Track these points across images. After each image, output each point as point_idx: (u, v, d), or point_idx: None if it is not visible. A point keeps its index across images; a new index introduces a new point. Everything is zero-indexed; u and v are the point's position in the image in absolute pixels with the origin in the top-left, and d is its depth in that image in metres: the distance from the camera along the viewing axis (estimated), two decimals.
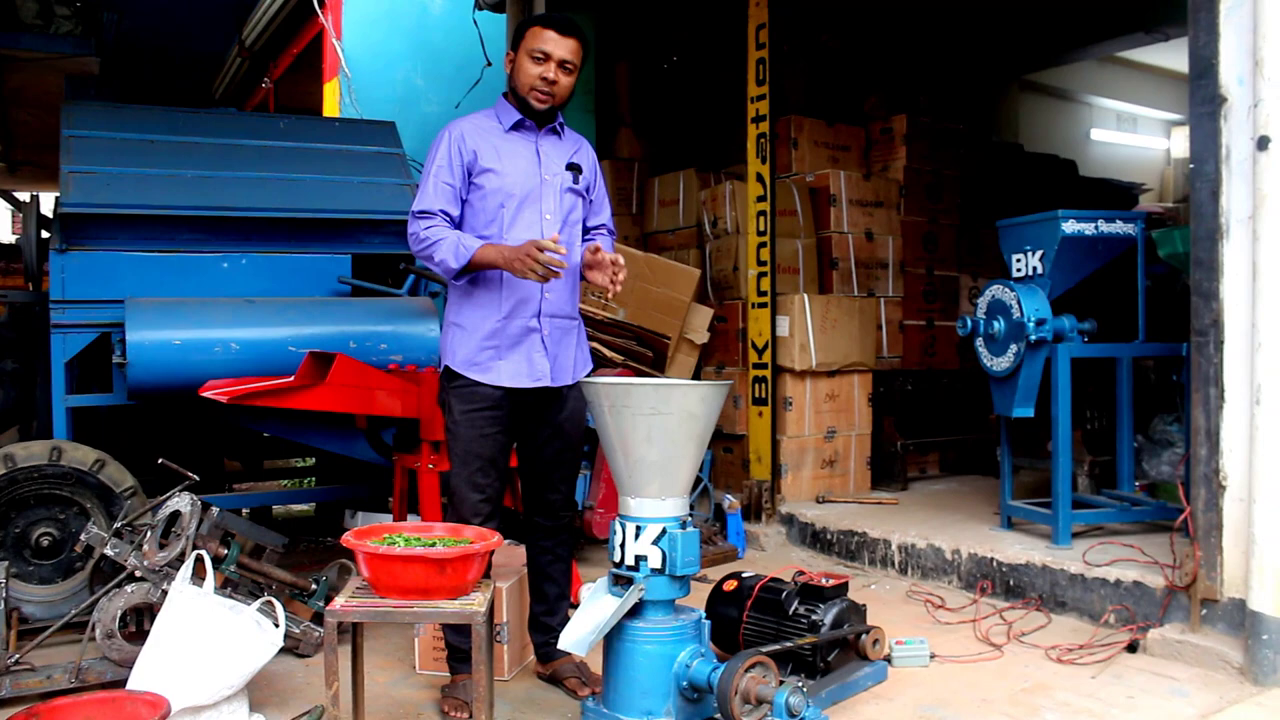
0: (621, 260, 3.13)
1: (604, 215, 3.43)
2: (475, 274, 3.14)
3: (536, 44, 3.13)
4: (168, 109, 5.14)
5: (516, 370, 3.15)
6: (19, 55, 7.58)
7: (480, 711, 2.62)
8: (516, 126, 3.21)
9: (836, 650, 3.26)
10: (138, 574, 3.34)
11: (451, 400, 3.19)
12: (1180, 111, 11.56)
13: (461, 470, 3.17)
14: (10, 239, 21.08)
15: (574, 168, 3.27)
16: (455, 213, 3.15)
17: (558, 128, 3.29)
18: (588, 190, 3.34)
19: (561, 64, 3.14)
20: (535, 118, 3.21)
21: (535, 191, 3.18)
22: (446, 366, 3.21)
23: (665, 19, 7.74)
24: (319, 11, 8.17)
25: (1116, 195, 9.00)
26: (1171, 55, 9.73)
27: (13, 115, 9.77)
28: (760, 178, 5.66)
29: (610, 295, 3.15)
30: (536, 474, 3.37)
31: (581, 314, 4.98)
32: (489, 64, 7.39)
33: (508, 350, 3.15)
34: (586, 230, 3.37)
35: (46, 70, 8.27)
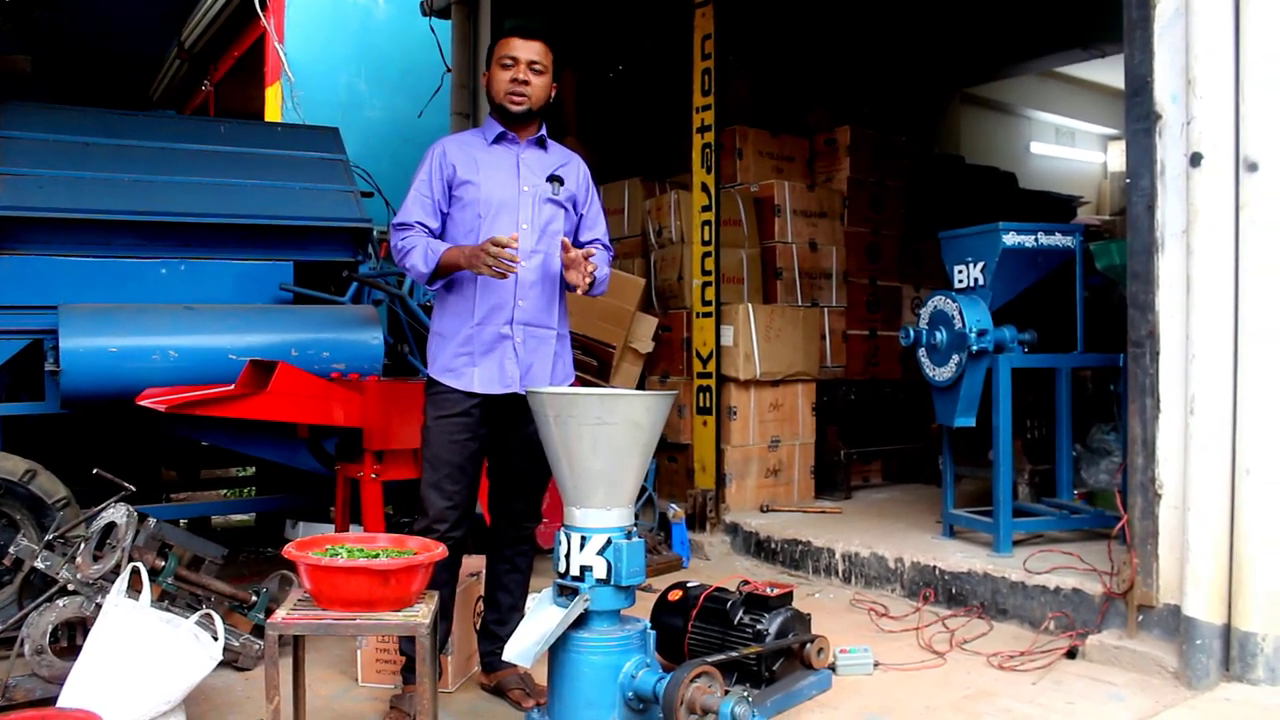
0: (594, 252, 3.22)
1: (598, 230, 3.47)
2: (450, 282, 3.23)
3: (504, 52, 3.27)
4: (105, 111, 5.04)
5: (488, 376, 3.20)
6: None
7: None
8: (499, 139, 3.30)
9: (781, 659, 3.27)
10: (70, 587, 3.27)
11: (427, 406, 3.26)
12: (1117, 126, 11.81)
13: (430, 475, 3.20)
14: None
15: (555, 179, 3.33)
16: (433, 224, 3.25)
17: (543, 140, 3.36)
18: (575, 204, 3.39)
19: (530, 65, 3.26)
20: (515, 125, 3.29)
21: (512, 201, 3.24)
22: (427, 374, 3.29)
23: (611, 28, 7.75)
24: (261, 14, 8.06)
25: (1056, 207, 9.16)
26: (1108, 71, 9.93)
27: None
28: (705, 187, 5.68)
29: (583, 289, 3.16)
30: (502, 482, 3.41)
31: None
32: (449, 69, 7.36)
33: (481, 356, 3.20)
34: (579, 245, 3.36)
35: None
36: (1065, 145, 12.71)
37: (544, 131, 3.37)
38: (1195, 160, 3.30)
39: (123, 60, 10.15)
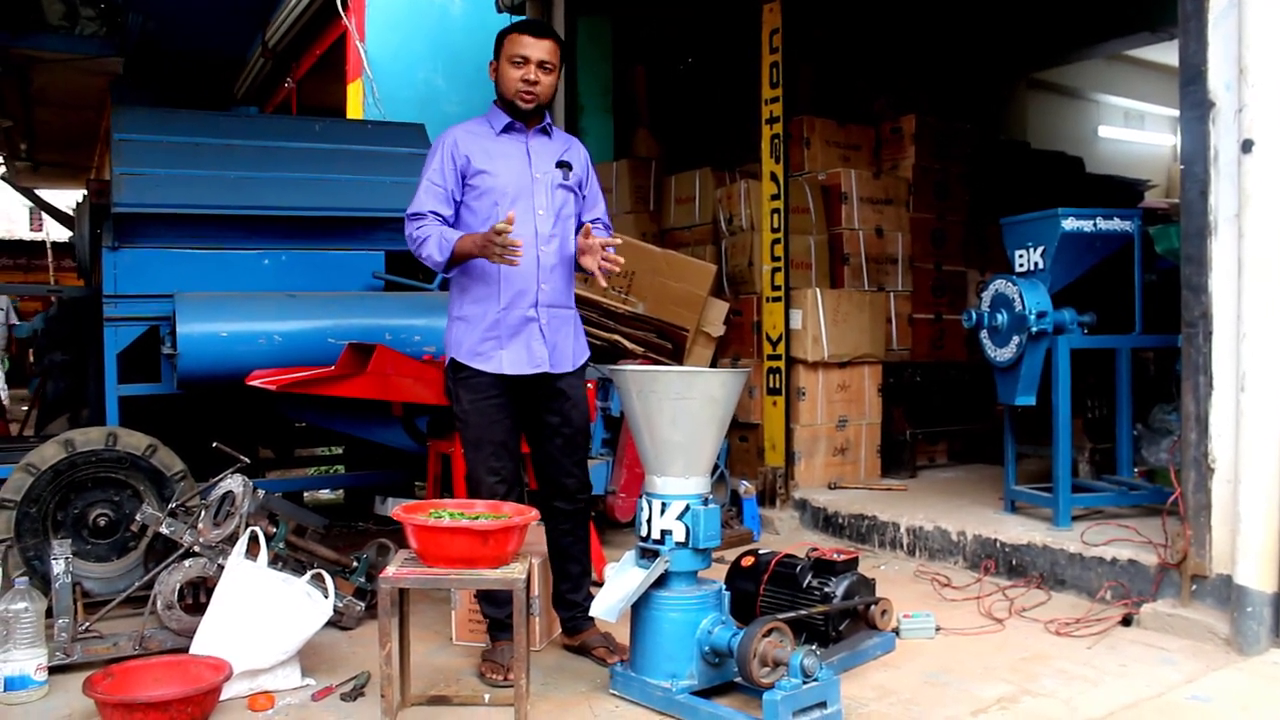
0: (619, 241, 3.38)
1: (598, 210, 3.63)
2: (470, 269, 3.36)
3: (515, 50, 3.38)
4: (210, 113, 5.36)
5: (517, 358, 3.36)
6: (44, 56, 7.79)
7: (519, 673, 2.84)
8: (507, 129, 3.44)
9: (847, 620, 3.47)
10: (195, 550, 3.58)
11: (459, 391, 3.41)
12: None
13: (475, 456, 3.39)
14: (32, 236, 21.40)
15: (564, 165, 3.48)
16: (446, 212, 3.38)
17: (547, 128, 3.51)
18: (580, 186, 3.55)
19: (540, 65, 3.37)
20: (523, 119, 3.44)
21: (527, 189, 3.39)
22: (452, 359, 3.43)
23: (681, 22, 7.93)
24: (342, 13, 8.35)
25: (1123, 191, 9.15)
26: (1177, 54, 9.89)
27: (37, 114, 10.00)
28: (774, 177, 5.86)
29: (603, 281, 3.36)
30: (550, 462, 3.56)
31: (603, 308, 5.20)
32: None
33: (508, 340, 3.35)
34: (582, 225, 3.52)
35: (70, 71, 8.47)
36: (1135, 129, 12.62)
37: (548, 120, 3.52)
38: (1247, 147, 3.42)
39: (208, 60, 10.54)
